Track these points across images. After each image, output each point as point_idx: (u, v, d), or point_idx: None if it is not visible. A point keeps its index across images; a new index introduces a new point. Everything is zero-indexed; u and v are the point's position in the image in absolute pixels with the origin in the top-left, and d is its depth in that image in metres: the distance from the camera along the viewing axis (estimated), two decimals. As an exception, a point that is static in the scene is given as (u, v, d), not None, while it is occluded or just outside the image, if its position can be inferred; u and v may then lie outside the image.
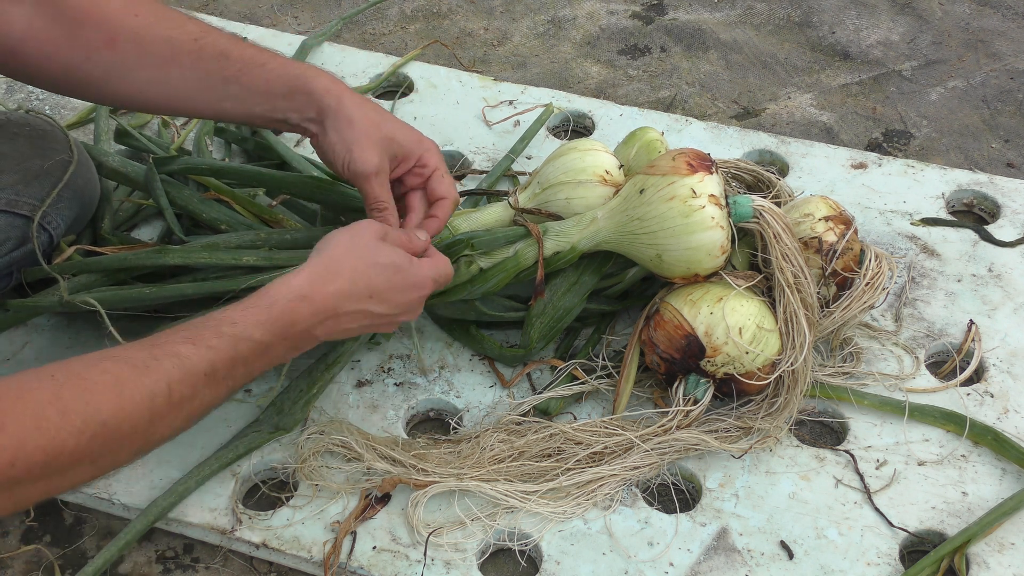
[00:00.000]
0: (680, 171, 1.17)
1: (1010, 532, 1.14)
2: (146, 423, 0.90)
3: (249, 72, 1.18)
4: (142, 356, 0.92)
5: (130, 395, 0.89)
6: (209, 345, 0.96)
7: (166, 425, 0.94)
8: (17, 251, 1.24)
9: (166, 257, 1.21)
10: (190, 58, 1.17)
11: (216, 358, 0.96)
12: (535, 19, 1.98)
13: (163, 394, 0.91)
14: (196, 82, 1.18)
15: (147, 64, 1.16)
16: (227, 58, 1.18)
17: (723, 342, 1.15)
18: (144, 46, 1.16)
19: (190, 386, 0.94)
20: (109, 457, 0.90)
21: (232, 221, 1.33)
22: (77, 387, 0.87)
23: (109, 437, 0.88)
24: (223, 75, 1.17)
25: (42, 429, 0.83)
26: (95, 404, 0.87)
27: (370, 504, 1.14)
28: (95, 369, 0.90)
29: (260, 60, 1.19)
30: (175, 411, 0.93)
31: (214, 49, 1.18)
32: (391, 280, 1.08)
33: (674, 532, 1.13)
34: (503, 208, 1.31)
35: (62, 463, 0.85)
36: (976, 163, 1.66)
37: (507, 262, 1.24)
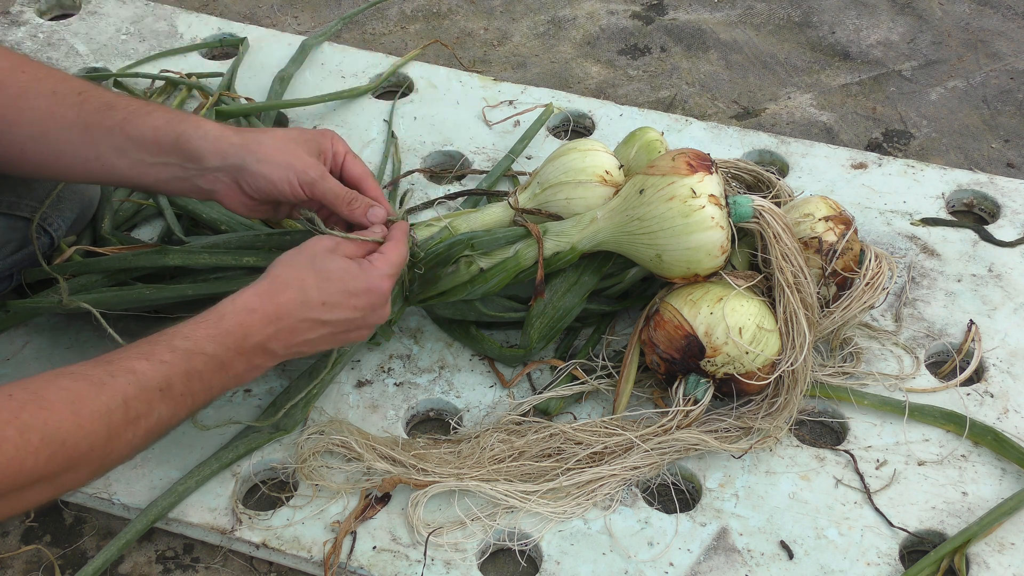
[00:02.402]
0: (680, 171, 1.17)
1: (1010, 532, 1.14)
2: (104, 441, 0.90)
3: (134, 120, 1.12)
4: (98, 373, 0.92)
5: (87, 413, 0.89)
6: (163, 360, 0.95)
7: (124, 443, 0.93)
8: (18, 253, 1.25)
9: (166, 258, 1.21)
10: (72, 110, 1.12)
11: (170, 373, 0.95)
12: (535, 19, 1.98)
13: (120, 410, 0.90)
14: (79, 134, 1.11)
15: (27, 120, 1.11)
16: (111, 108, 1.13)
17: (723, 342, 1.15)
18: (26, 100, 1.11)
19: (145, 402, 0.93)
20: (68, 475, 0.89)
21: (232, 221, 1.33)
22: (35, 406, 0.86)
23: (68, 456, 0.87)
24: (106, 125, 1.12)
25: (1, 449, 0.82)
26: (53, 423, 0.86)
27: (370, 504, 1.14)
28: (52, 387, 0.89)
29: (146, 110, 1.13)
30: (132, 428, 0.92)
31: (97, 101, 1.13)
32: (343, 285, 1.06)
33: (674, 532, 1.13)
34: (503, 208, 1.31)
35: (20, 482, 0.84)
36: (976, 163, 1.66)
37: (507, 262, 1.24)
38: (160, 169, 1.13)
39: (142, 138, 1.11)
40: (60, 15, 1.89)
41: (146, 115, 1.13)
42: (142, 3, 1.89)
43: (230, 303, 1.02)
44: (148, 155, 1.12)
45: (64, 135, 1.11)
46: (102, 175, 1.15)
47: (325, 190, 1.13)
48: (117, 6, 1.88)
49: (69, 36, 1.82)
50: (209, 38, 1.81)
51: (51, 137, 1.11)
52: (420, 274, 1.24)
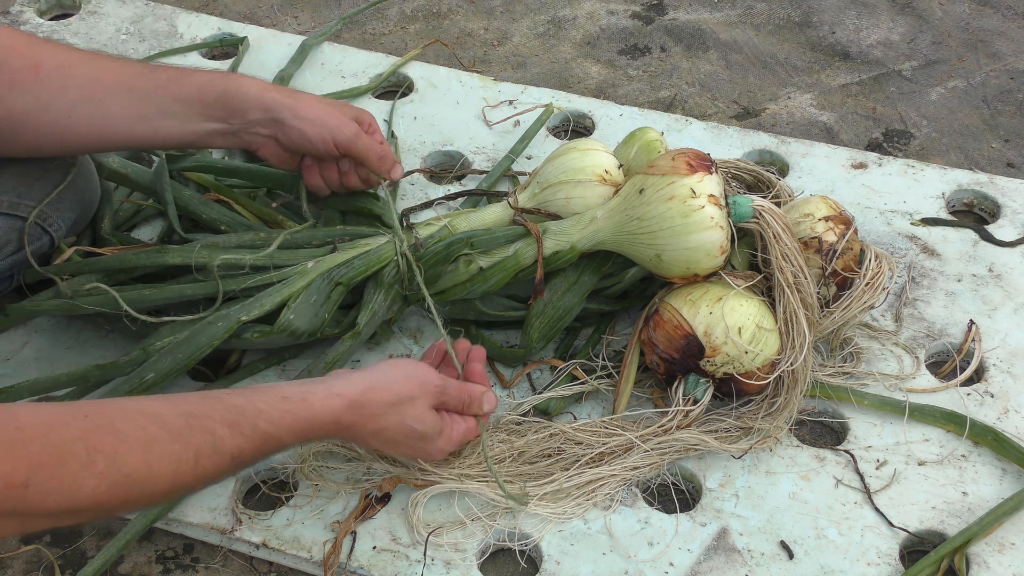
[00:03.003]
0: (680, 171, 1.17)
1: (1010, 532, 1.14)
2: (167, 487, 0.89)
3: (177, 80, 1.17)
4: (178, 424, 0.90)
5: (158, 456, 0.87)
6: (243, 434, 0.94)
7: (182, 492, 0.94)
8: (18, 253, 1.25)
9: (166, 257, 1.21)
10: (116, 74, 1.16)
11: (245, 447, 0.94)
12: (535, 19, 1.98)
13: (189, 463, 0.89)
14: (125, 96, 1.15)
15: (75, 84, 1.14)
16: (154, 71, 1.19)
17: (722, 342, 1.15)
18: (72, 68, 1.14)
19: (215, 464, 0.92)
20: (119, 508, 0.88)
21: (232, 222, 1.33)
22: (108, 432, 0.85)
23: (128, 489, 0.86)
24: (150, 85, 1.16)
25: (64, 462, 0.81)
26: (123, 455, 0.85)
27: (370, 504, 1.14)
28: (129, 423, 0.88)
29: (187, 71, 1.20)
30: (195, 482, 0.91)
31: (140, 66, 1.19)
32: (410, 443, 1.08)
33: (674, 532, 1.13)
34: (503, 208, 1.31)
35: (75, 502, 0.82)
36: (976, 163, 1.66)
37: (507, 261, 1.24)
38: (205, 126, 1.19)
39: (187, 96, 1.17)
40: (60, 15, 1.89)
41: (189, 75, 1.19)
42: (142, 3, 1.89)
43: (321, 388, 1.01)
44: (193, 112, 1.18)
45: (111, 97, 1.15)
46: (147, 138, 1.19)
47: (360, 145, 1.22)
48: (117, 6, 1.88)
49: (69, 36, 1.82)
50: (209, 38, 1.81)
51: (98, 100, 1.15)
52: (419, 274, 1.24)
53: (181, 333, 1.15)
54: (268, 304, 1.17)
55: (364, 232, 1.27)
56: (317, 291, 1.20)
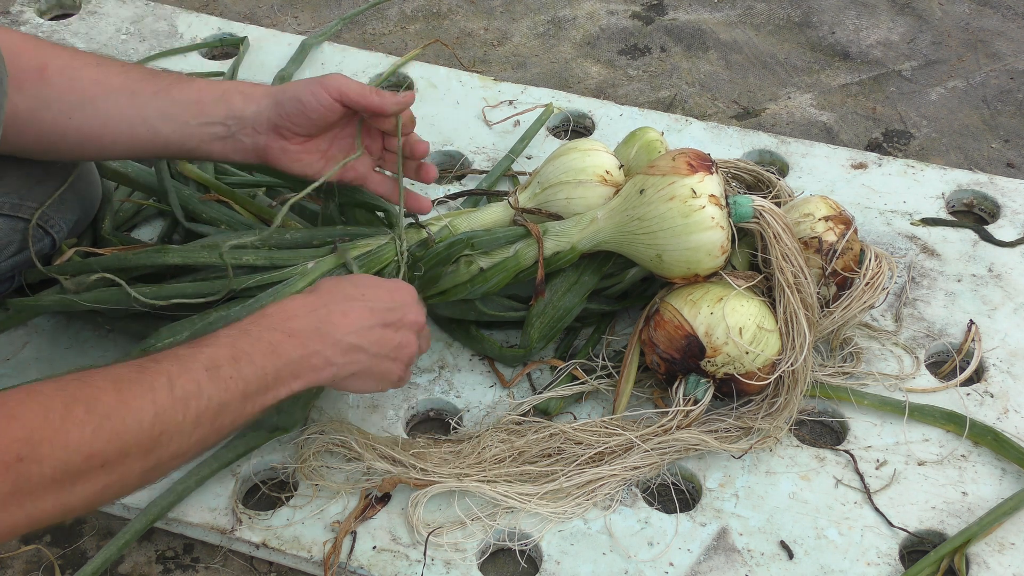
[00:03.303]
0: (680, 171, 1.17)
1: (1010, 532, 1.14)
2: (151, 418, 0.87)
3: (178, 85, 1.18)
4: (142, 360, 0.92)
5: (129, 389, 0.87)
6: (206, 343, 0.96)
7: (174, 424, 0.90)
8: (20, 254, 1.25)
9: (166, 257, 1.21)
10: (119, 77, 1.17)
11: (215, 353, 0.95)
12: (535, 19, 1.98)
13: (164, 389, 0.89)
14: (126, 99, 1.16)
15: (77, 87, 1.15)
16: (155, 76, 1.20)
17: (723, 342, 1.15)
18: (74, 70, 1.15)
19: (193, 381, 0.91)
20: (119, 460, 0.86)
21: (232, 221, 1.33)
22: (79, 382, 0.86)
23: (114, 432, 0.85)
24: (152, 90, 1.17)
25: (48, 420, 0.81)
26: (97, 397, 0.85)
27: (370, 504, 1.14)
28: (96, 375, 0.88)
29: (188, 78, 1.22)
30: (179, 407, 0.90)
31: (141, 70, 1.21)
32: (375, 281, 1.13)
33: (674, 532, 1.13)
34: (503, 208, 1.31)
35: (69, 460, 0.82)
36: (976, 163, 1.66)
37: (507, 262, 1.24)
38: (204, 130, 1.18)
39: (187, 101, 1.17)
40: (60, 15, 1.89)
41: (189, 82, 1.20)
42: (142, 3, 1.89)
43: (275, 301, 1.07)
44: (192, 117, 1.17)
45: (112, 100, 1.16)
46: (147, 142, 1.19)
47: (350, 89, 1.17)
48: (117, 6, 1.88)
49: (69, 36, 1.82)
50: (209, 38, 1.81)
51: (99, 103, 1.16)
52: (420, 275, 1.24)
53: (181, 334, 1.15)
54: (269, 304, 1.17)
55: (364, 232, 1.27)
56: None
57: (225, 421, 0.95)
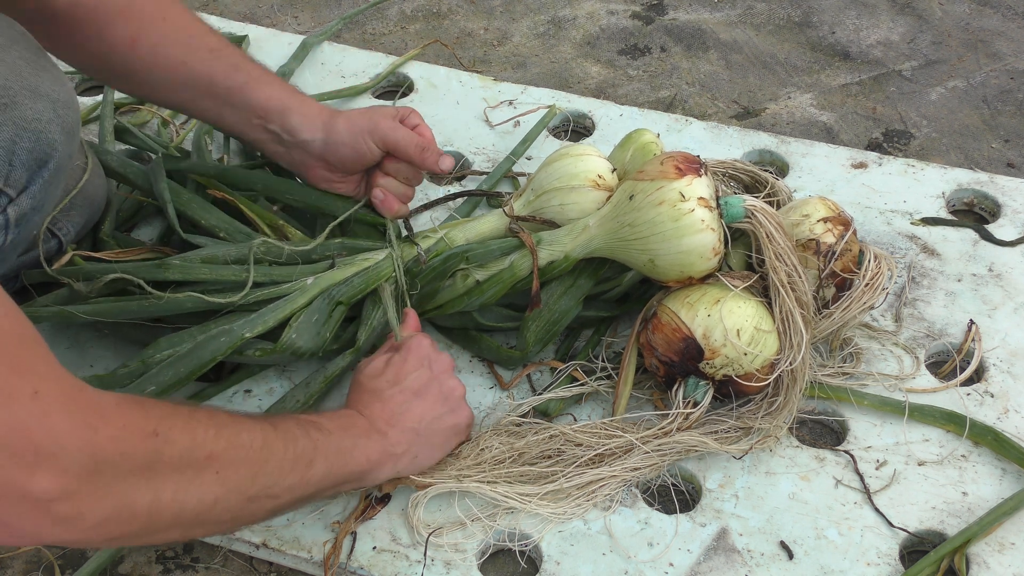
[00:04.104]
0: (668, 175, 1.16)
1: (1010, 532, 1.14)
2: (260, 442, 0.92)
3: (253, 85, 1.27)
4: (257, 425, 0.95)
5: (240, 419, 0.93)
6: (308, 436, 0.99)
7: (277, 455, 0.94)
8: (25, 255, 1.25)
9: (166, 272, 1.21)
10: (204, 65, 1.25)
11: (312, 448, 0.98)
12: (535, 19, 1.98)
13: (268, 423, 0.95)
14: (205, 86, 1.25)
15: (160, 67, 1.24)
16: (237, 69, 1.27)
17: (721, 344, 1.15)
18: (161, 51, 1.23)
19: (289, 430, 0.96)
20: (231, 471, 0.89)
21: (231, 229, 1.32)
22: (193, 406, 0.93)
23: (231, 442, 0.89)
24: (229, 84, 1.26)
25: (177, 412, 0.85)
26: (214, 413, 0.90)
27: (370, 504, 1.14)
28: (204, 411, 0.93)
29: (266, 79, 1.29)
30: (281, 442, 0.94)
31: (227, 61, 1.27)
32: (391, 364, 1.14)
33: (674, 532, 1.13)
34: (498, 217, 1.31)
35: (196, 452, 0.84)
36: (976, 163, 1.66)
37: (502, 274, 1.24)
38: (262, 132, 1.29)
39: (256, 103, 1.27)
40: (60, 15, 1.89)
41: (266, 84, 1.28)
42: (142, 3, 1.89)
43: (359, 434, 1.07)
44: (255, 117, 1.28)
45: (192, 87, 1.26)
46: (210, 120, 1.32)
47: (397, 138, 1.27)
48: (117, 6, 1.88)
49: (69, 36, 1.82)
50: (209, 38, 1.81)
51: (179, 87, 1.26)
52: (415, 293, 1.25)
53: (182, 346, 1.16)
54: (271, 320, 1.18)
55: (362, 246, 1.28)
56: (318, 310, 1.20)
57: (314, 475, 0.98)
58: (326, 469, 0.99)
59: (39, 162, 1.06)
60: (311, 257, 1.27)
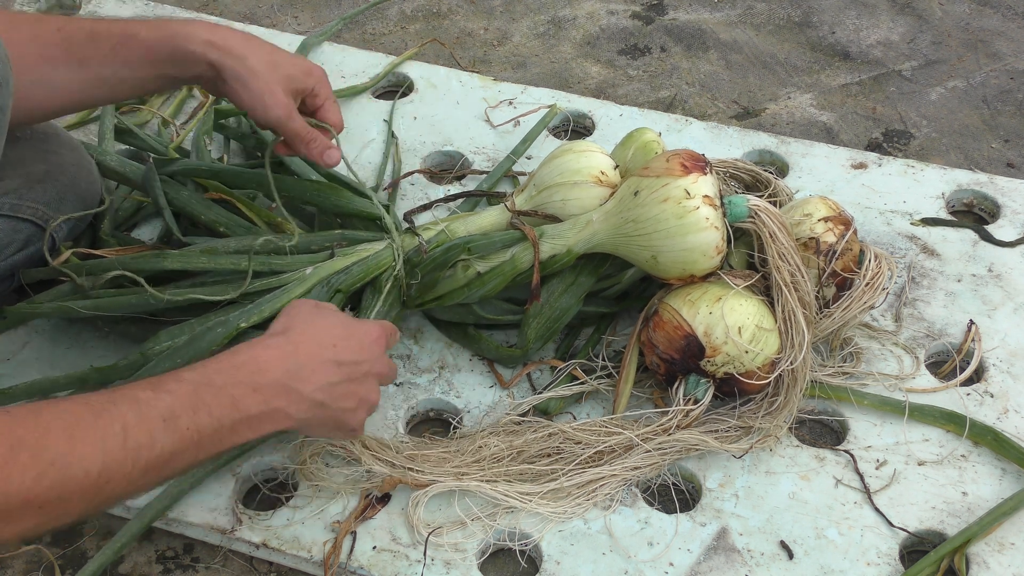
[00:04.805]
0: (674, 172, 1.17)
1: (1010, 532, 1.14)
2: (98, 468, 0.85)
3: (126, 44, 1.17)
4: (100, 400, 0.88)
5: (82, 436, 0.84)
6: (168, 390, 0.92)
7: (121, 474, 0.87)
8: (19, 254, 1.25)
9: (165, 262, 1.21)
10: (60, 49, 1.16)
11: (175, 403, 0.91)
12: (535, 19, 1.98)
13: (117, 437, 0.86)
14: (75, 71, 1.16)
15: (22, 68, 1.12)
16: (96, 37, 1.17)
17: (722, 342, 1.15)
18: (13, 49, 1.11)
19: (147, 432, 0.88)
20: (57, 504, 0.83)
21: (230, 223, 1.33)
22: (30, 424, 0.83)
23: (58, 478, 0.82)
24: (98, 56, 1.16)
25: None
26: (45, 442, 0.82)
27: (370, 504, 1.14)
28: (52, 409, 0.85)
29: (130, 31, 1.18)
30: (130, 458, 0.87)
31: (80, 34, 1.17)
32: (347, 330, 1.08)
33: (674, 532, 1.13)
34: (500, 211, 1.31)
35: (8, 503, 0.80)
36: (976, 163, 1.66)
37: (504, 266, 1.24)
38: (155, 82, 1.21)
39: (138, 59, 1.18)
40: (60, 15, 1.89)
41: (133, 36, 1.18)
42: (142, 3, 1.89)
43: (245, 343, 1.02)
44: (144, 71, 1.19)
45: (61, 75, 1.16)
46: (104, 97, 1.23)
47: (287, 129, 1.22)
48: (117, 6, 1.88)
49: (69, 36, 1.82)
50: (209, 38, 1.81)
51: (48, 79, 1.16)
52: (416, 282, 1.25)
53: (180, 338, 1.16)
54: (268, 310, 1.18)
55: (362, 237, 1.28)
56: (316, 298, 1.20)
57: (175, 467, 0.93)
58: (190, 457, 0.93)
59: None
60: (310, 248, 1.26)
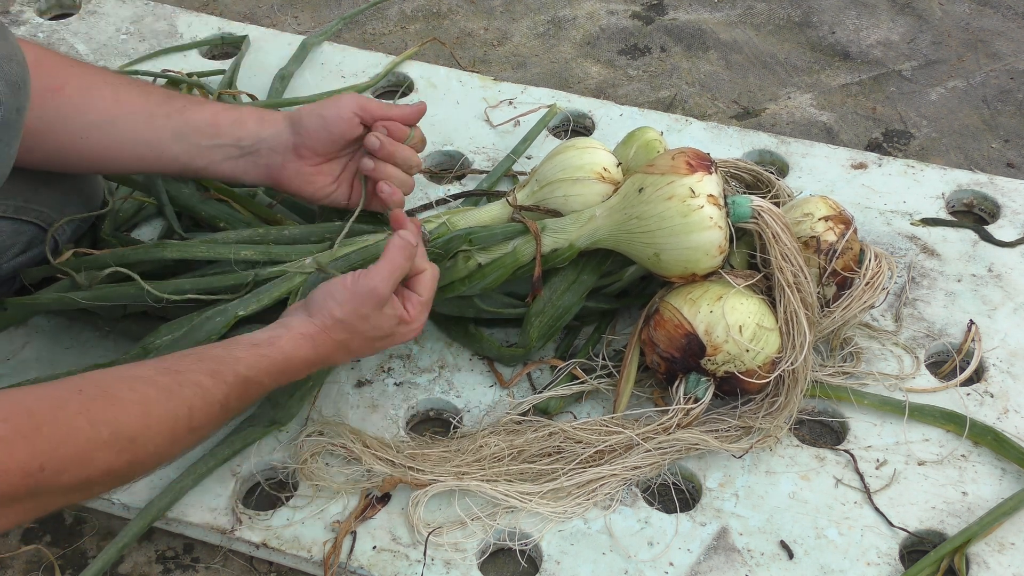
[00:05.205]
0: (679, 170, 1.17)
1: (1010, 532, 1.14)
2: (168, 445, 0.95)
3: (193, 107, 1.21)
4: (167, 381, 0.96)
5: (156, 416, 0.93)
6: (226, 380, 1.00)
7: (180, 449, 1.00)
8: (22, 256, 1.25)
9: (165, 251, 1.21)
10: (139, 98, 1.19)
11: (230, 393, 1.00)
12: (535, 19, 1.98)
13: (184, 418, 0.95)
14: (143, 121, 1.19)
15: (96, 107, 1.17)
16: (172, 97, 1.22)
17: (723, 340, 1.15)
18: (96, 89, 1.18)
19: (207, 415, 0.98)
20: (127, 473, 0.93)
21: (231, 219, 1.33)
22: (105, 401, 0.90)
23: (135, 454, 0.91)
24: (168, 111, 1.19)
25: (74, 438, 0.85)
26: (124, 420, 0.90)
27: (370, 504, 1.14)
28: (124, 388, 0.93)
29: (203, 101, 1.24)
30: (191, 436, 0.98)
31: (159, 92, 1.23)
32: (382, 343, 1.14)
33: (674, 532, 1.13)
34: (501, 206, 1.31)
35: (90, 474, 0.87)
36: (976, 163, 1.66)
37: (505, 258, 1.24)
38: (214, 151, 1.21)
39: (202, 122, 1.20)
40: (60, 15, 1.89)
41: (204, 104, 1.23)
42: (142, 3, 1.89)
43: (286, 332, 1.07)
44: (205, 139, 1.20)
45: (130, 121, 1.19)
46: (156, 160, 1.22)
47: (375, 106, 1.22)
48: (117, 6, 1.88)
49: (69, 36, 1.82)
50: (209, 38, 1.81)
51: (118, 123, 1.18)
52: None
53: (179, 330, 1.16)
54: (266, 299, 1.17)
55: (363, 229, 1.27)
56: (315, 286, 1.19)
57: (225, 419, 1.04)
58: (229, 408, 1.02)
59: None
60: (311, 239, 1.26)
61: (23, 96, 1.04)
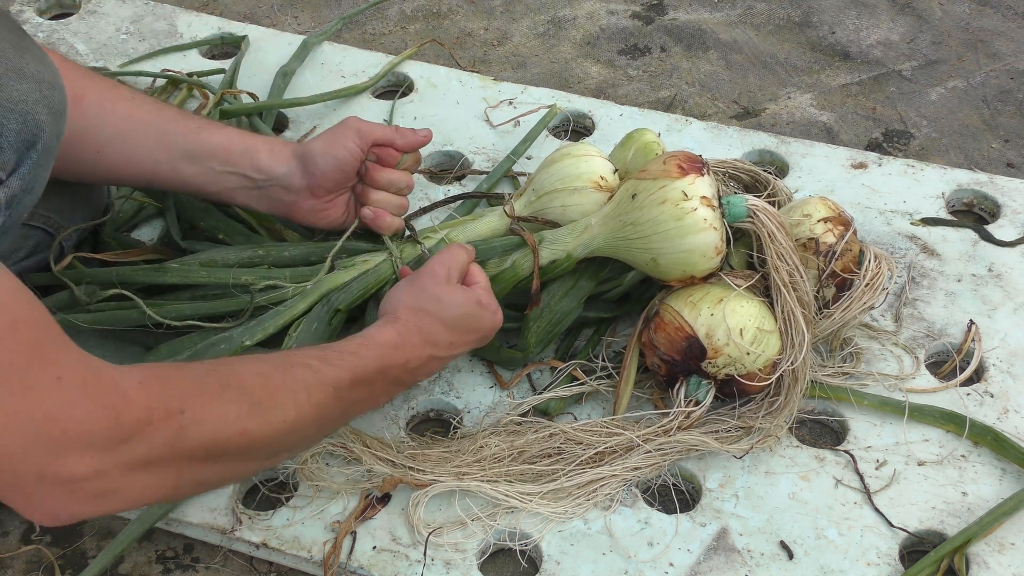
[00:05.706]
0: (671, 174, 1.16)
1: (1010, 532, 1.14)
2: (293, 418, 0.94)
3: (208, 129, 1.22)
4: (278, 361, 0.99)
5: (276, 386, 0.93)
6: (333, 363, 1.01)
7: (305, 426, 0.97)
8: (28, 260, 1.26)
9: (165, 276, 1.21)
10: (153, 114, 1.21)
11: (341, 376, 1.00)
12: (535, 19, 1.98)
13: (303, 392, 0.95)
14: (156, 137, 1.20)
15: (110, 121, 1.19)
16: (186, 116, 1.23)
17: (724, 343, 1.15)
18: (111, 103, 1.19)
19: (323, 393, 0.98)
20: (263, 442, 0.92)
21: (230, 230, 1.33)
22: (229, 371, 0.92)
23: (264, 419, 0.90)
24: (182, 130, 1.21)
25: (205, 390, 0.86)
26: (247, 383, 0.91)
27: (370, 504, 1.14)
28: (241, 366, 0.96)
29: (218, 124, 1.25)
30: (313, 412, 0.96)
31: (173, 109, 1.24)
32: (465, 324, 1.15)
33: (674, 532, 1.13)
34: (499, 217, 1.31)
35: (225, 431, 0.87)
36: (976, 163, 1.66)
37: (505, 273, 1.24)
38: (227, 178, 1.23)
39: (215, 146, 1.21)
40: (60, 14, 1.89)
41: (219, 128, 1.24)
42: (142, 2, 1.89)
43: (362, 338, 1.08)
44: (218, 164, 1.22)
45: (143, 137, 1.20)
46: (168, 178, 1.23)
47: (379, 132, 1.25)
48: (117, 5, 1.88)
49: (69, 35, 1.82)
50: (209, 37, 1.81)
51: (130, 138, 1.19)
52: None
53: (182, 353, 1.16)
54: (271, 327, 1.18)
55: (361, 247, 1.28)
56: (318, 318, 1.20)
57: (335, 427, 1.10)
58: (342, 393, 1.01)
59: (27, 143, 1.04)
60: (310, 259, 1.27)
61: (62, 123, 1.06)
